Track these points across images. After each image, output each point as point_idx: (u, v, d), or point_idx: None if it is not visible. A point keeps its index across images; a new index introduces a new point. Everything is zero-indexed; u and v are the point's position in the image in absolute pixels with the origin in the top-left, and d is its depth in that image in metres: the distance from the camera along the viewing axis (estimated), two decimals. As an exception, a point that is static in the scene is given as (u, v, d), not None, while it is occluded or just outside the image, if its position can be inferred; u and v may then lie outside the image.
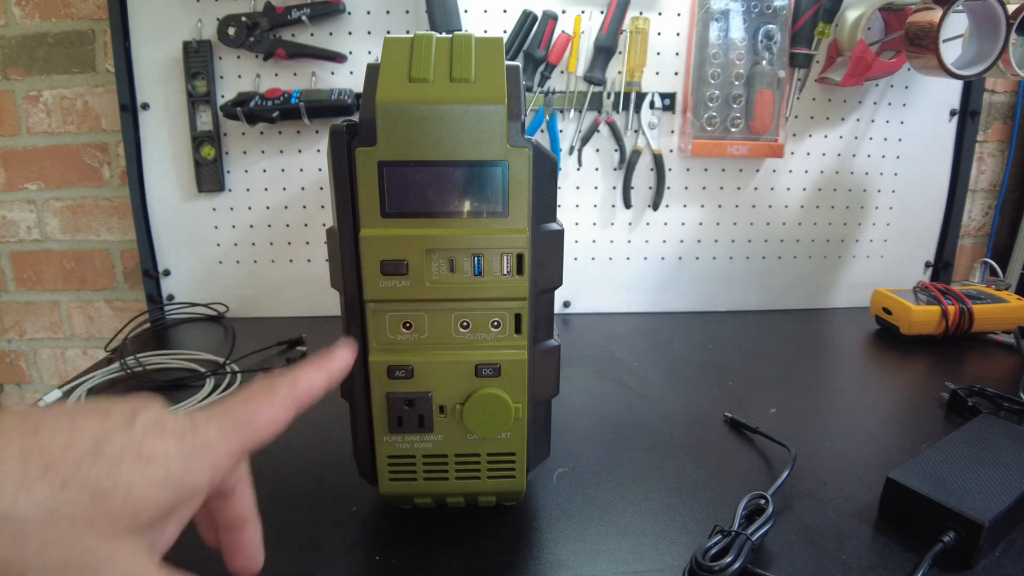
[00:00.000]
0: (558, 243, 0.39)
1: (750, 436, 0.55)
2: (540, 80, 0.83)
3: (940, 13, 0.67)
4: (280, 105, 0.79)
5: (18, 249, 0.95)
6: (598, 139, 0.87)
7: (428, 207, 0.36)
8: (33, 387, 1.03)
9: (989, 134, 0.98)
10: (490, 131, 0.35)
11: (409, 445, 0.40)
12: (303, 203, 0.87)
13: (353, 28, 0.82)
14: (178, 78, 0.82)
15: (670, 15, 0.83)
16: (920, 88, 0.89)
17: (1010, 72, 0.71)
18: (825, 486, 0.47)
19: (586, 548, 0.40)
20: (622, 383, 0.67)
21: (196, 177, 0.85)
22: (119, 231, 0.93)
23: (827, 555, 0.39)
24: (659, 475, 0.49)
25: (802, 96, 0.87)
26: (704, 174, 0.89)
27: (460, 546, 0.40)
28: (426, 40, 0.37)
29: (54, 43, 0.86)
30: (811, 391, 0.65)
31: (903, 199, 0.93)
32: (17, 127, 0.89)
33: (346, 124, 0.36)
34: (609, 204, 0.89)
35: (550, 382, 0.42)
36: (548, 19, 0.80)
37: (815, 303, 0.96)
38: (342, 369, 0.30)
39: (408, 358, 0.38)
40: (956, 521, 0.38)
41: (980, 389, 0.60)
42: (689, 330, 0.85)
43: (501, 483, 0.41)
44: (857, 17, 0.80)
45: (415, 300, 0.37)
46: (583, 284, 0.92)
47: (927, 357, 0.74)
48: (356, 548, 0.40)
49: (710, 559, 0.36)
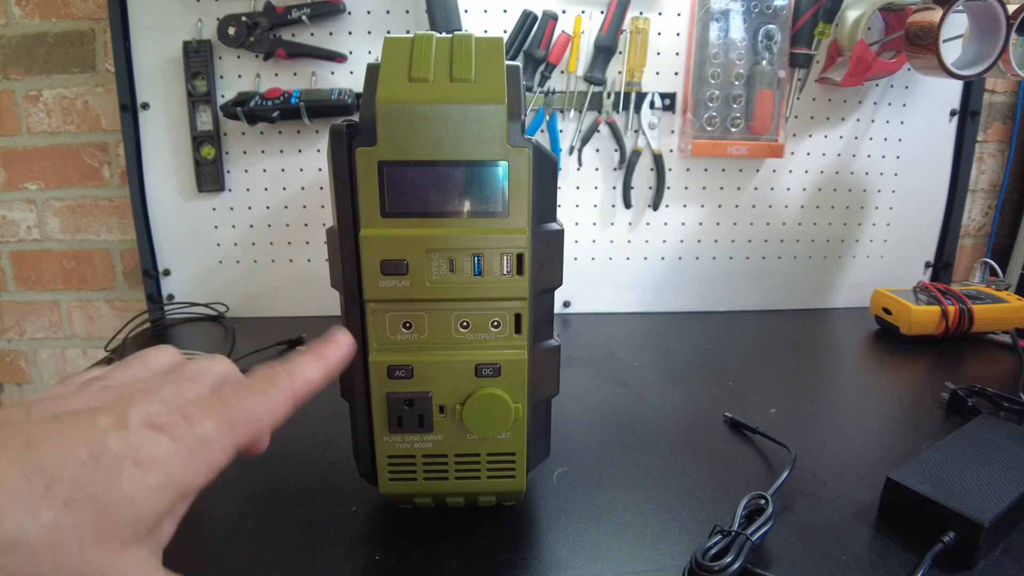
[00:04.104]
0: (558, 243, 0.39)
1: (750, 436, 0.55)
2: (540, 80, 0.83)
3: (940, 13, 0.67)
4: (280, 105, 0.79)
5: (18, 249, 0.95)
6: (598, 139, 0.87)
7: (428, 207, 0.36)
8: (33, 387, 1.03)
9: (989, 134, 0.98)
10: (490, 131, 0.35)
11: (409, 445, 0.40)
12: (303, 203, 0.87)
13: (353, 28, 0.82)
14: (178, 78, 0.82)
15: (670, 15, 0.83)
16: (920, 88, 0.89)
17: (1010, 72, 0.71)
18: (825, 486, 0.47)
19: (586, 548, 0.40)
20: (622, 383, 0.67)
21: (196, 177, 0.85)
22: (119, 231, 0.93)
23: (827, 555, 0.39)
24: (659, 475, 0.49)
25: (802, 96, 0.87)
26: (704, 174, 0.89)
27: (460, 546, 0.40)
28: (426, 40, 0.37)
29: (54, 43, 0.86)
30: (811, 391, 0.65)
31: (903, 199, 0.93)
32: (17, 127, 0.89)
33: (346, 124, 0.36)
34: (609, 204, 0.89)
35: (550, 382, 0.42)
36: (548, 19, 0.80)
37: (815, 303, 0.96)
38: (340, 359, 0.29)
39: (408, 358, 0.38)
40: (956, 521, 0.38)
41: (980, 389, 0.60)
42: (689, 330, 0.85)
43: (501, 483, 0.41)
44: (857, 17, 0.80)
45: (415, 300, 0.37)
46: (583, 284, 0.92)
47: (927, 357, 0.74)
48: (356, 548, 0.40)
49: (710, 559, 0.36)
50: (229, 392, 0.23)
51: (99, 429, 0.19)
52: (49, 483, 0.18)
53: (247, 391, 0.24)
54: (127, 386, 0.22)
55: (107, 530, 0.19)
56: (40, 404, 0.20)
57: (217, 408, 0.22)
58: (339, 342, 0.29)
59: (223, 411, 0.22)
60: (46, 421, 0.19)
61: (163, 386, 0.23)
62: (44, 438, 0.18)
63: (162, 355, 0.26)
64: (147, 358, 0.26)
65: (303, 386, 0.26)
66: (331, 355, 0.29)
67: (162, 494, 0.20)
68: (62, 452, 0.18)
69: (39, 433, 0.19)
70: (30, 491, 0.17)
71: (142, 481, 0.19)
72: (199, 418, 0.21)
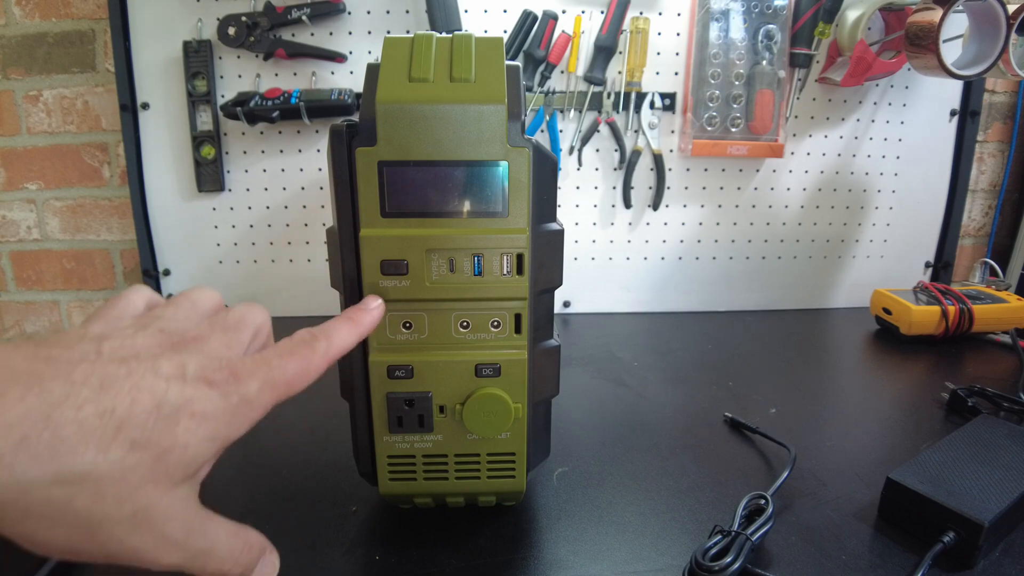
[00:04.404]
0: (558, 243, 0.39)
1: (750, 436, 0.55)
2: (540, 80, 0.83)
3: (940, 13, 0.67)
4: (280, 105, 0.79)
5: (18, 249, 0.95)
6: (598, 139, 0.87)
7: (428, 207, 0.36)
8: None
9: (989, 134, 0.98)
10: (490, 131, 0.35)
11: (409, 445, 0.40)
12: (303, 203, 0.87)
13: (353, 28, 0.82)
14: (178, 78, 0.82)
15: (670, 15, 0.83)
16: (920, 88, 0.89)
17: (1010, 72, 0.71)
18: (825, 486, 0.47)
19: (586, 548, 0.40)
20: (622, 383, 0.67)
21: (196, 177, 0.85)
22: (119, 231, 0.93)
23: (827, 555, 0.39)
24: (659, 475, 0.49)
25: (802, 96, 0.87)
26: (704, 174, 0.89)
27: (460, 546, 0.40)
28: (426, 40, 0.37)
29: (54, 43, 0.86)
30: (811, 391, 0.65)
31: (903, 199, 0.93)
32: (17, 127, 0.89)
33: (346, 124, 0.36)
34: (609, 204, 0.89)
35: (550, 382, 0.42)
36: (548, 19, 0.80)
37: (815, 303, 0.96)
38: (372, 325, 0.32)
39: (408, 358, 0.38)
40: (956, 521, 0.38)
41: (980, 389, 0.60)
42: (689, 330, 0.85)
43: (501, 483, 0.41)
44: (857, 17, 0.80)
45: (415, 300, 0.37)
46: (583, 284, 0.92)
47: (927, 357, 0.74)
48: (356, 548, 0.40)
49: (710, 559, 0.36)
50: (273, 353, 0.26)
51: (161, 379, 0.22)
52: (119, 426, 0.20)
53: (290, 355, 0.26)
54: (181, 331, 0.25)
55: (161, 472, 0.21)
56: (108, 342, 0.23)
57: (262, 368, 0.25)
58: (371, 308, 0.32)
59: (267, 372, 0.25)
60: (115, 362, 0.22)
61: (212, 334, 0.25)
62: (115, 383, 0.21)
63: (207, 297, 0.29)
64: (195, 298, 0.28)
65: (337, 351, 0.28)
66: (364, 321, 0.31)
67: (209, 444, 0.22)
68: (131, 398, 0.21)
69: (111, 376, 0.21)
70: (104, 431, 0.20)
71: (195, 431, 0.22)
72: (246, 378, 0.24)
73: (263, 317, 0.28)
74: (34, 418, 0.19)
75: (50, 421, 0.19)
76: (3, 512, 0.19)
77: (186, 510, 0.23)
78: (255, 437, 0.54)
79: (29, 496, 0.19)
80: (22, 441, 0.19)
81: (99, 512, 0.20)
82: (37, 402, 0.19)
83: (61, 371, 0.20)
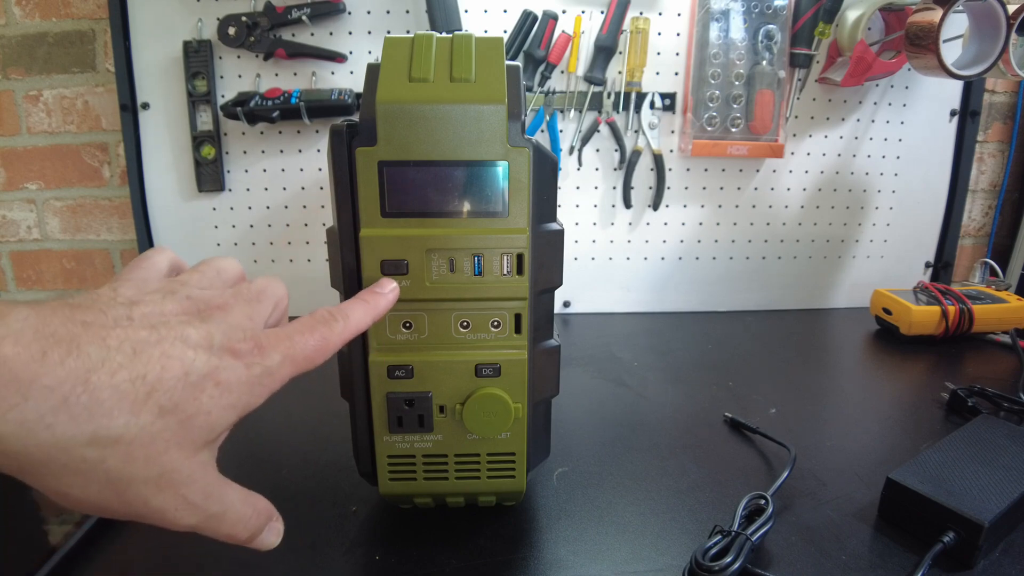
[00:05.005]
0: (558, 243, 0.39)
1: (750, 436, 0.55)
2: (540, 80, 0.83)
3: (940, 13, 0.67)
4: (280, 105, 0.79)
5: (18, 249, 0.95)
6: (598, 139, 0.87)
7: (428, 207, 0.36)
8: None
9: (989, 134, 0.98)
10: (490, 131, 0.35)
11: (409, 445, 0.40)
12: (303, 203, 0.87)
13: (353, 28, 0.82)
14: (178, 78, 0.82)
15: (670, 15, 0.83)
16: (920, 88, 0.89)
17: (1010, 72, 0.71)
18: (825, 486, 0.47)
19: (586, 548, 0.40)
20: (622, 383, 0.67)
21: (196, 177, 0.85)
22: (119, 231, 0.93)
23: (827, 555, 0.39)
24: (659, 475, 0.49)
25: (802, 96, 0.87)
26: (704, 174, 0.89)
27: (460, 546, 0.40)
28: (426, 40, 0.37)
29: (54, 43, 0.86)
30: (811, 391, 0.65)
31: (903, 199, 0.93)
32: (17, 127, 0.89)
33: (346, 124, 0.36)
34: (609, 204, 0.89)
35: (550, 382, 0.42)
36: (548, 19, 0.80)
37: (815, 303, 0.96)
38: (386, 308, 0.33)
39: (408, 358, 0.38)
40: (956, 521, 0.38)
41: (980, 389, 0.60)
42: (689, 330, 0.85)
43: (501, 483, 0.41)
44: (857, 17, 0.80)
45: (415, 300, 0.37)
46: (583, 284, 0.92)
47: (927, 357, 0.74)
48: (356, 548, 0.40)
49: (710, 559, 0.36)
50: (295, 329, 0.26)
51: (190, 348, 0.23)
52: (150, 391, 0.21)
53: (310, 331, 0.27)
54: (206, 299, 0.26)
55: (186, 437, 0.22)
56: (138, 307, 0.23)
57: (284, 343, 0.25)
58: (386, 291, 0.33)
59: (289, 346, 0.25)
60: (146, 328, 0.22)
61: (235, 304, 0.26)
62: (146, 349, 0.22)
63: (230, 266, 0.29)
64: (219, 266, 0.29)
65: (353, 331, 0.29)
66: (379, 304, 0.32)
67: (231, 412, 0.23)
68: (161, 365, 0.22)
69: (142, 342, 0.22)
70: (135, 396, 0.21)
71: (219, 400, 0.23)
72: (269, 350, 0.25)
73: (282, 291, 0.29)
74: (73, 381, 0.20)
75: (88, 385, 0.20)
76: (42, 469, 0.20)
77: (206, 474, 0.23)
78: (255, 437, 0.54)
79: (67, 455, 0.20)
80: (63, 403, 0.19)
81: (128, 473, 0.21)
82: (76, 365, 0.20)
83: (97, 336, 0.21)
